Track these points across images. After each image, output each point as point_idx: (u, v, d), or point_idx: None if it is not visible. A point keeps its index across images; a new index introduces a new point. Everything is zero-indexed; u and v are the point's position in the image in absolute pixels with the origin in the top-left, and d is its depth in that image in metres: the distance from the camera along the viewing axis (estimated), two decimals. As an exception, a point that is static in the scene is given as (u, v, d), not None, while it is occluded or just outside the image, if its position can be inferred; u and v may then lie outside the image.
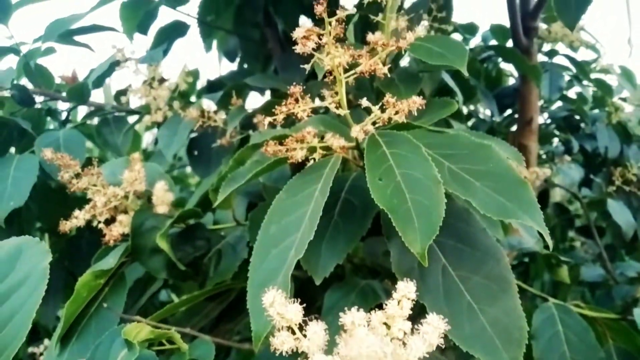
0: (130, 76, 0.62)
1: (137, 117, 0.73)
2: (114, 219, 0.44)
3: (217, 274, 0.44)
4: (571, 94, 0.94)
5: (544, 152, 0.89)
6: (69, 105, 0.80)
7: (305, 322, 0.23)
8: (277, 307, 0.23)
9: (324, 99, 0.34)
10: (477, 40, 0.94)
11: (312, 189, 0.32)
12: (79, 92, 0.69)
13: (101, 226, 0.43)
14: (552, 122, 0.91)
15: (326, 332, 0.22)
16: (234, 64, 0.86)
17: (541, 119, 0.89)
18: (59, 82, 0.81)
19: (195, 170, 0.61)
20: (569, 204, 0.92)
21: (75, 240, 0.71)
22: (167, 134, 0.57)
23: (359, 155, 0.38)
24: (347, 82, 0.32)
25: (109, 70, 0.67)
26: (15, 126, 0.71)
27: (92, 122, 0.80)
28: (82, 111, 0.95)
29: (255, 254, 0.31)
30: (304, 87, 0.32)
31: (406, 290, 0.25)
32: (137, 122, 0.65)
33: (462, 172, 0.32)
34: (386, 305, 0.24)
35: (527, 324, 0.32)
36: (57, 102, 0.81)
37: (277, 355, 0.22)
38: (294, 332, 0.22)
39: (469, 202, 0.30)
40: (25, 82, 0.79)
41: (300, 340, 0.22)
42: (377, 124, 0.33)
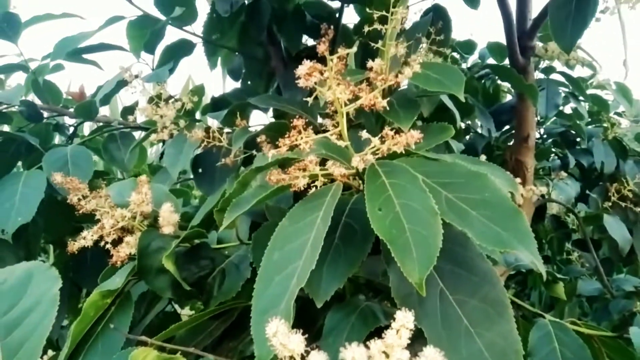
0: (136, 92, 0.64)
1: (143, 132, 0.75)
2: (120, 239, 0.45)
3: (220, 293, 0.45)
4: (567, 109, 0.96)
5: (541, 167, 0.90)
6: (75, 119, 0.82)
7: (307, 351, 0.24)
8: (280, 338, 0.24)
9: (325, 129, 0.36)
10: (474, 56, 0.96)
11: (314, 216, 0.34)
12: (87, 109, 0.71)
13: (108, 246, 0.44)
14: (548, 137, 0.93)
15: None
16: (238, 81, 0.88)
17: (537, 134, 0.90)
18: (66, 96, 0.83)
19: (199, 187, 0.63)
20: (566, 216, 0.93)
21: (80, 252, 0.72)
22: (172, 153, 0.58)
23: (360, 179, 0.40)
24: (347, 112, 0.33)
25: (116, 88, 0.69)
26: (22, 141, 0.73)
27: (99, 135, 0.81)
28: (88, 124, 0.97)
29: (259, 280, 0.32)
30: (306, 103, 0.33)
31: (405, 320, 0.26)
32: (143, 139, 0.66)
33: (459, 201, 0.33)
34: (385, 333, 0.25)
35: (524, 342, 0.33)
36: (64, 117, 0.82)
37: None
38: (297, 362, 0.23)
39: (465, 229, 0.31)
40: (33, 97, 0.81)
41: (303, 369, 0.23)
42: (377, 154, 0.34)
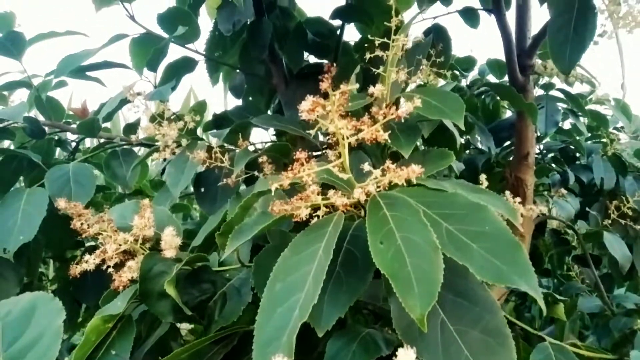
0: (139, 111, 0.64)
1: (144, 148, 0.75)
2: (122, 263, 0.45)
3: (221, 318, 0.45)
4: (567, 124, 0.97)
5: (541, 182, 0.91)
6: (78, 135, 0.82)
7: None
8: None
9: (326, 158, 0.36)
10: (474, 72, 0.97)
11: (316, 247, 0.34)
12: (90, 127, 0.72)
13: (110, 270, 0.44)
14: (547, 152, 0.93)
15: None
16: (239, 99, 0.89)
17: (537, 149, 0.91)
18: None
19: (201, 206, 0.63)
20: (566, 230, 0.93)
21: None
22: (174, 172, 0.59)
23: (362, 207, 0.40)
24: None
25: (119, 106, 0.69)
26: (24, 157, 0.73)
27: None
28: (89, 138, 0.97)
29: (261, 311, 0.33)
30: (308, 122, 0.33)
31: (406, 357, 0.26)
32: (144, 158, 0.67)
33: (459, 233, 0.33)
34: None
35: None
36: (66, 132, 0.83)
37: None
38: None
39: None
40: (35, 112, 0.82)
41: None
42: (379, 186, 0.34)
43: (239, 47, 0.80)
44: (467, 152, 0.92)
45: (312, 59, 0.84)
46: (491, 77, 0.95)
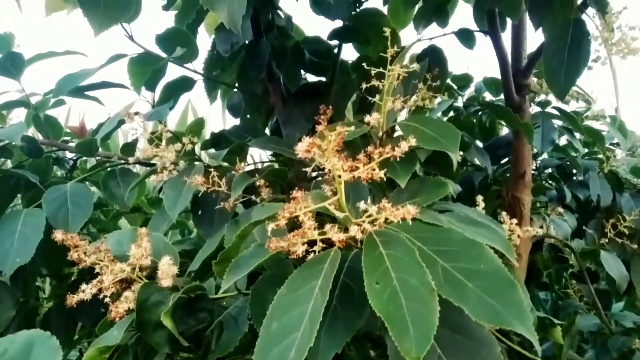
0: (137, 133, 0.65)
1: (142, 167, 0.75)
2: (119, 292, 0.45)
3: (218, 348, 0.45)
4: (563, 140, 0.97)
5: (537, 200, 0.91)
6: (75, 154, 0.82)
7: None
8: None
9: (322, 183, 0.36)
10: (470, 89, 0.98)
11: (313, 284, 0.34)
12: (87, 147, 0.72)
13: (107, 300, 0.44)
14: (544, 169, 0.93)
15: None
16: (237, 118, 0.89)
17: (533, 166, 0.91)
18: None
19: (199, 228, 0.63)
20: (563, 250, 0.93)
21: (76, 284, 0.72)
22: (172, 195, 0.59)
23: (358, 241, 0.40)
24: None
25: (117, 126, 0.70)
26: (22, 176, 0.73)
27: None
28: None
29: (257, 350, 0.33)
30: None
31: (402, 403, 0.26)
32: (142, 179, 0.67)
33: (455, 271, 0.33)
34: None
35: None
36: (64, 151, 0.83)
37: None
38: None
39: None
40: (33, 130, 0.82)
41: None
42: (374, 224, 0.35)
43: (237, 66, 0.80)
44: (464, 168, 0.92)
45: (309, 78, 0.84)
46: (488, 95, 0.96)
